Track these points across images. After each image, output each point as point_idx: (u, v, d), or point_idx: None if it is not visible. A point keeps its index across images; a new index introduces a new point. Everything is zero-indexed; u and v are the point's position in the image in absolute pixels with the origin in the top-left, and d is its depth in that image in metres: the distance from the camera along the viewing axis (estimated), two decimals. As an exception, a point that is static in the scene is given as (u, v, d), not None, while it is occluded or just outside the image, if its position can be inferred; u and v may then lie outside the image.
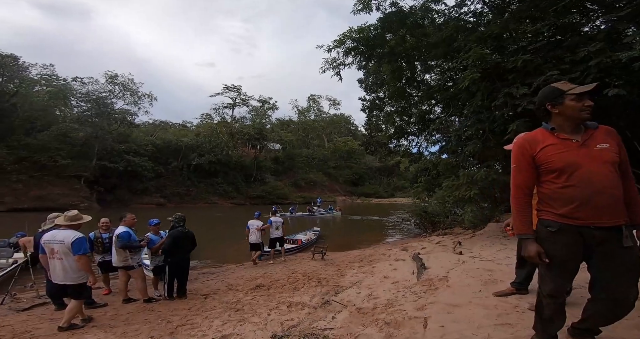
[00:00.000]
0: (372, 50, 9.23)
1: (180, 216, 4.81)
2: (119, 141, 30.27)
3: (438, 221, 13.69)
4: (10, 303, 4.64)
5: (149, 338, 3.07)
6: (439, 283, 4.15)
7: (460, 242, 7.93)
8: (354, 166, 56.42)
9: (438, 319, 2.46)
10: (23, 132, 25.16)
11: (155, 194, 33.19)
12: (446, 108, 7.67)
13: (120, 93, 31.39)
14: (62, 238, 3.56)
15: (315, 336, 3.03)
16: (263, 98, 48.48)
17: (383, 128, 20.02)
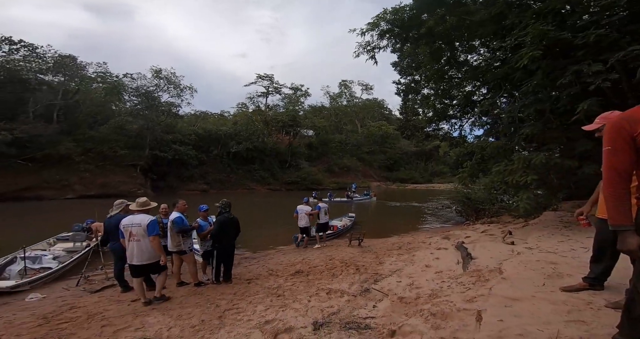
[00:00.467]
0: (407, 32, 8.62)
1: (226, 202, 4.99)
2: (166, 132, 32.53)
3: (483, 209, 12.84)
4: (84, 284, 5.25)
5: (200, 321, 3.27)
6: (489, 274, 3.86)
7: (511, 231, 7.34)
8: (389, 150, 54.80)
9: (495, 313, 2.26)
10: (86, 126, 28.12)
11: (199, 181, 35.45)
12: (495, 89, 6.93)
13: (165, 86, 33.40)
14: (138, 222, 3.99)
15: (356, 324, 2.99)
16: (295, 86, 48.50)
17: (420, 112, 19.13)
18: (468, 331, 2.38)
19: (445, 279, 4.23)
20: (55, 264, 6.06)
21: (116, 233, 4.50)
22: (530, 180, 5.31)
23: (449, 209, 16.21)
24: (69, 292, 4.80)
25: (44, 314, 3.55)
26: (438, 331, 2.49)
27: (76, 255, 6.71)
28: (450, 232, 9.22)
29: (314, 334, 2.83)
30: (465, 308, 2.85)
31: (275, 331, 2.94)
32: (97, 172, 26.91)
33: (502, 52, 6.03)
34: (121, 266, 4.66)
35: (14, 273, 5.47)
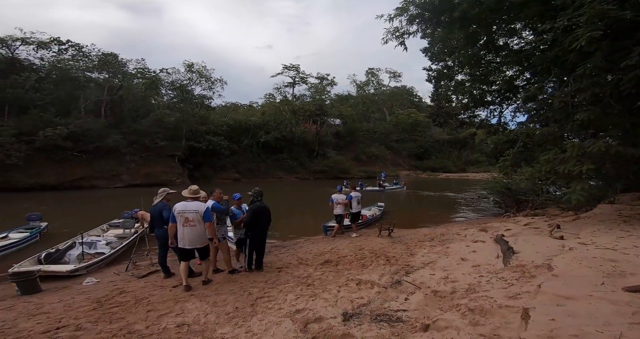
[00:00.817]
0: (439, 16, 7.97)
1: (258, 191, 5.07)
2: (200, 123, 33.97)
3: (525, 200, 11.94)
4: (132, 269, 5.66)
5: (234, 308, 3.40)
6: (536, 270, 3.57)
7: (560, 225, 6.74)
8: (419, 138, 52.72)
9: (545, 311, 2.06)
10: (130, 120, 30.18)
11: (231, 170, 36.87)
12: (542, 73, 6.24)
13: (197, 80, 34.64)
14: (195, 208, 4.25)
15: (387, 316, 2.92)
16: (321, 75, 47.99)
17: (453, 98, 18.15)
18: (511, 329, 2.21)
19: (483, 273, 4.00)
20: (107, 249, 6.62)
21: (159, 220, 4.79)
22: (585, 169, 4.76)
23: (486, 199, 15.30)
24: (119, 277, 5.23)
25: (97, 298, 3.89)
26: (477, 327, 2.34)
27: (125, 241, 7.27)
28: (487, 225, 8.70)
29: (343, 325, 2.81)
30: (508, 305, 2.65)
31: (305, 320, 2.97)
32: (141, 163, 28.96)
33: (552, 34, 5.34)
34: (164, 253, 4.95)
35: (73, 257, 6.04)
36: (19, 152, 20.69)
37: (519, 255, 4.61)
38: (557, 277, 2.71)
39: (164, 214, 4.74)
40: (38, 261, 5.62)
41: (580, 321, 1.86)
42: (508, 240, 5.80)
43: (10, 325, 3.10)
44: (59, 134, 22.43)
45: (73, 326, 2.99)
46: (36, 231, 8.17)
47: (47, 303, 3.85)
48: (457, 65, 15.27)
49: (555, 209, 10.31)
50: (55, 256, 5.90)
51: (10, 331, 2.93)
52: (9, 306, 3.78)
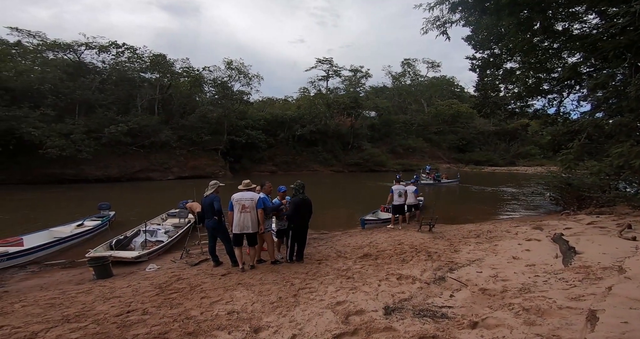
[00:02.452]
0: (484, 3, 7.26)
1: (300, 184, 5.20)
2: (239, 118, 35.52)
3: (589, 197, 10.65)
4: (186, 257, 6.13)
5: (278, 298, 3.50)
6: (603, 272, 3.22)
7: (631, 225, 5.95)
8: (460, 130, 49.57)
9: (616, 314, 1.86)
10: (179, 116, 32.56)
11: (268, 163, 38.20)
12: (614, 59, 5.44)
13: (236, 76, 36.08)
14: (250, 197, 4.86)
15: (431, 312, 2.85)
16: (354, 67, 46.89)
17: (501, 88, 16.73)
18: (573, 330, 2.03)
19: (539, 273, 3.69)
20: (165, 238, 7.26)
21: (210, 211, 5.12)
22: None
23: (540, 196, 13.97)
24: (175, 264, 5.74)
25: (159, 284, 4.32)
26: (532, 327, 2.18)
27: (180, 230, 7.91)
28: (542, 222, 7.97)
29: (385, 319, 2.79)
30: (570, 306, 2.43)
31: (346, 312, 3.00)
32: (189, 156, 31.23)
33: (628, 18, 4.57)
34: (213, 243, 5.32)
35: (137, 244, 6.71)
36: (88, 147, 23.43)
37: (582, 256, 4.17)
38: (630, 279, 2.41)
39: (215, 206, 5.07)
40: (110, 247, 6.33)
41: None
42: (568, 240, 5.27)
43: (89, 308, 3.53)
44: (121, 130, 24.95)
45: (140, 310, 3.33)
46: (106, 220, 9.15)
47: (118, 287, 4.35)
48: (505, 53, 14.04)
49: (625, 207, 9.07)
50: (124, 243, 6.64)
51: (89, 314, 3.33)
52: (88, 290, 4.32)
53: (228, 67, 35.24)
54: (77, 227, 8.24)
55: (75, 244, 7.44)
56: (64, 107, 24.37)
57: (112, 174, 25.77)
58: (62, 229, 7.91)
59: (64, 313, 3.36)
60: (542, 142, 33.30)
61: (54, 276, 5.44)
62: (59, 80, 24.40)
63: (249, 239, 4.99)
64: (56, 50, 27.02)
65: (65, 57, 27.63)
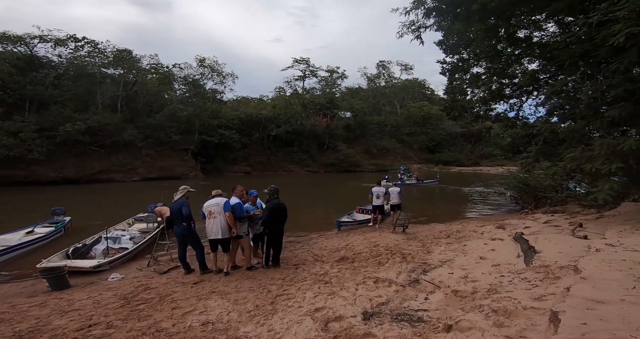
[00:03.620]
0: (456, 9, 7.71)
1: (274, 188, 5.11)
2: (212, 117, 34.47)
3: (544, 196, 11.60)
4: (153, 265, 5.81)
5: (255, 306, 3.40)
6: (560, 271, 3.49)
7: (582, 224, 6.52)
8: (431, 131, 51.95)
9: (576, 315, 2.01)
10: (145, 114, 30.82)
11: (242, 163, 37.40)
12: (570, 68, 5.97)
13: (209, 74, 34.98)
14: (217, 202, 4.85)
15: (408, 316, 2.92)
16: (331, 68, 47.61)
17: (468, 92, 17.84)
18: (538, 331, 2.17)
19: (504, 273, 3.93)
20: (130, 244, 6.80)
21: (179, 217, 4.90)
22: (615, 168, 4.57)
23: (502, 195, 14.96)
24: (142, 273, 5.39)
25: (124, 295, 4.03)
26: (502, 329, 2.31)
27: (148, 236, 7.44)
28: (505, 222, 8.52)
29: (364, 324, 2.82)
30: (533, 307, 2.61)
31: (325, 319, 3.00)
32: (156, 157, 29.67)
33: (586, 28, 5.02)
34: (183, 250, 5.09)
35: (99, 252, 6.21)
36: (40, 147, 21.45)
37: (541, 255, 4.50)
38: (586, 280, 2.63)
39: (184, 211, 4.86)
40: (66, 256, 5.82)
41: (612, 325, 1.80)
42: (528, 239, 5.66)
43: (44, 322, 3.22)
44: (78, 129, 23.14)
45: (104, 324, 3.10)
46: (61, 226, 8.45)
47: (77, 299, 4.01)
48: (472, 58, 14.96)
49: (576, 207, 9.98)
50: (82, 251, 6.12)
51: (45, 329, 3.04)
52: (42, 303, 3.94)
53: (200, 64, 34.06)
54: (26, 234, 7.54)
55: (25, 254, 6.79)
56: (13, 104, 22.18)
57: (69, 176, 23.82)
58: (8, 237, 7.19)
59: (15, 329, 3.05)
60: (503, 144, 35.52)
61: (1, 289, 4.91)
62: (7, 75, 22.11)
63: (221, 245, 4.88)
64: (5, 43, 24.52)
65: (16, 50, 25.11)
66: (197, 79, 34.45)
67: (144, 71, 32.07)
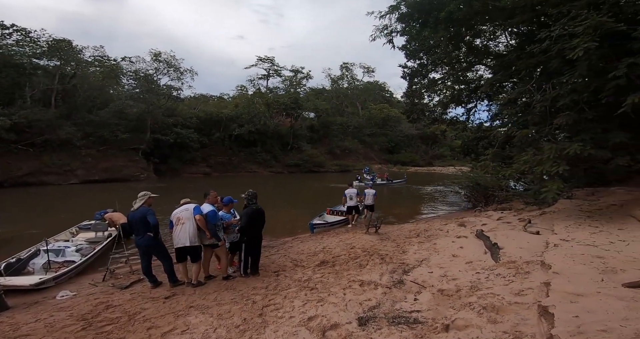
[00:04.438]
0: (426, 16, 8.26)
1: (252, 193, 4.87)
2: (167, 115, 32.00)
3: (493, 195, 12.83)
4: (110, 279, 5.17)
5: (242, 320, 3.20)
6: (528, 266, 3.85)
7: (530, 220, 7.31)
8: (390, 133, 54.56)
9: (565, 309, 2.21)
10: (86, 110, 27.51)
11: (201, 164, 35.40)
12: (525, 77, 6.69)
13: (165, 70, 32.46)
14: (185, 207, 4.59)
15: (404, 318, 2.97)
16: (295, 68, 47.38)
17: (425, 96, 19.15)
18: (530, 325, 2.34)
19: (479, 270, 4.21)
20: (78, 257, 5.94)
21: (142, 227, 4.42)
22: (562, 170, 5.20)
23: (456, 194, 16.20)
24: (97, 288, 4.75)
25: (82, 315, 3.49)
26: (496, 325, 2.45)
27: (99, 246, 6.60)
28: (464, 219, 9.20)
29: (362, 330, 2.81)
30: (517, 302, 2.82)
31: (322, 328, 2.92)
32: (99, 157, 26.67)
33: (548, 41, 5.58)
34: (147, 262, 4.62)
35: (37, 266, 5.32)
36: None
37: (504, 251, 4.93)
38: (559, 274, 2.93)
39: (150, 220, 4.40)
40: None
41: (600, 317, 2.02)
42: (489, 235, 6.18)
43: None
44: (2, 125, 19.85)
45: None
46: None
47: (22, 322, 3.39)
48: (430, 64, 16.10)
49: (519, 204, 11.19)
50: (17, 267, 5.21)
51: None
52: None
53: (155, 59, 31.48)
54: None
55: None
56: None
57: (-10, 179, 20.31)
58: None
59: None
60: (453, 146, 38.55)
61: None
62: None
63: (190, 254, 4.51)
64: None
65: None
66: (150, 74, 31.81)
67: (86, 64, 28.69)
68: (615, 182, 9.51)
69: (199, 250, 4.58)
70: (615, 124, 5.34)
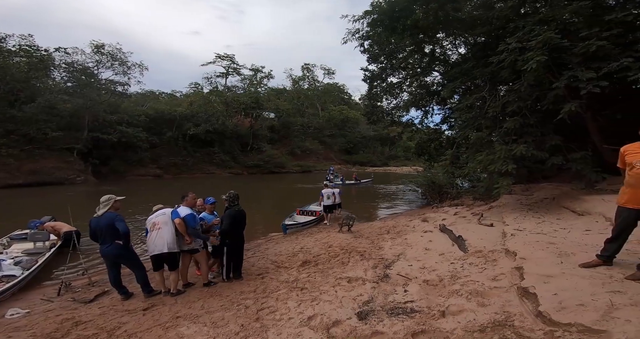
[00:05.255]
0: (396, 23, 8.86)
1: (234, 194, 4.68)
2: (109, 112, 28.83)
3: (446, 192, 14.10)
4: (66, 293, 4.58)
5: (240, 326, 3.09)
6: (494, 255, 4.33)
7: (482, 214, 8.21)
8: (349, 134, 56.45)
9: (544, 289, 2.57)
10: (7, 105, 23.51)
11: (151, 165, 32.67)
12: (481, 85, 7.54)
13: (109, 63, 29.19)
14: (163, 212, 4.34)
15: (400, 309, 3.16)
16: (256, 67, 46.25)
17: (383, 99, 20.28)
18: (515, 305, 2.68)
19: (452, 260, 4.63)
20: (18, 270, 5.11)
21: (109, 235, 4.01)
22: (510, 168, 5.97)
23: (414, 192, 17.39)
24: (54, 304, 4.16)
25: (48, 334, 3.03)
26: (486, 308, 2.76)
27: (42, 259, 5.75)
28: (425, 215, 9.96)
29: (365, 324, 2.93)
30: (496, 286, 3.19)
31: (324, 326, 2.97)
32: (23, 158, 23.07)
33: (506, 53, 6.26)
34: (115, 273, 4.20)
35: None
36: None
37: (469, 242, 5.49)
38: (526, 260, 3.40)
39: (120, 227, 4.00)
40: None
41: (574, 294, 2.41)
42: (452, 229, 6.81)
43: None
44: None
45: None
46: None
47: None
48: (389, 68, 17.14)
49: (469, 199, 12.50)
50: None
51: None
52: None
53: (97, 51, 28.19)
54: None
55: None
56: None
57: None
58: None
59: None
60: (410, 146, 41.46)
61: None
62: None
63: (167, 261, 4.24)
64: None
65: None
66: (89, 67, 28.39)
67: (8, 53, 24.60)
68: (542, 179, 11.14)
69: (177, 257, 4.30)
70: (550, 128, 6.32)
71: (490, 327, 2.33)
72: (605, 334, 1.81)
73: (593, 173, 5.87)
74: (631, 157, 2.62)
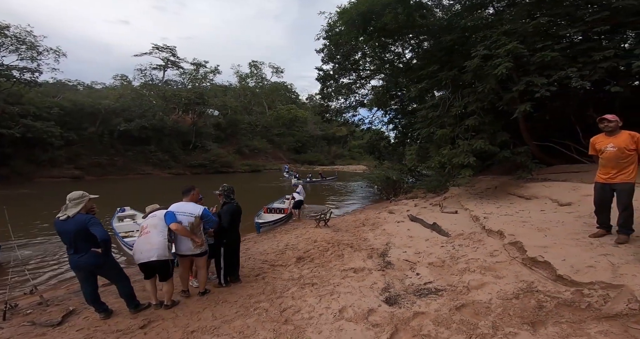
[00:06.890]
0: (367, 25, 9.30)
1: (230, 188, 4.27)
2: (10, 103, 23.42)
3: (399, 187, 15.31)
4: (12, 316, 3.60)
5: (272, 331, 2.91)
6: (477, 236, 4.89)
7: (441, 204, 9.13)
8: (297, 133, 56.61)
9: (549, 257, 3.00)
10: None
11: (67, 166, 27.71)
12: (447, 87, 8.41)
13: (14, 46, 23.64)
14: (154, 214, 3.80)
15: (426, 290, 3.36)
16: (197, 61, 42.90)
17: (333, 98, 21.13)
18: (527, 274, 3.08)
19: (441, 244, 5.07)
20: None
21: (82, 242, 3.31)
22: (472, 161, 6.81)
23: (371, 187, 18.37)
24: (7, 330, 3.25)
25: None
26: (503, 279, 3.12)
27: None
28: (389, 208, 10.62)
29: (399, 308, 3.04)
30: (498, 261, 3.63)
31: (361, 316, 2.99)
32: None
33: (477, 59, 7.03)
34: (91, 287, 3.47)
35: None
36: None
37: (445, 228, 6.08)
38: (516, 236, 3.93)
39: (98, 233, 3.32)
40: None
41: (576, 259, 2.88)
42: (421, 218, 7.43)
43: None
44: None
45: None
46: None
47: None
48: (342, 69, 17.93)
49: (420, 192, 13.79)
50: None
51: None
52: None
53: (0, 32, 22.72)
54: None
55: None
56: None
57: None
58: None
59: None
60: (362, 144, 43.42)
61: None
62: None
63: (157, 270, 3.69)
64: None
65: None
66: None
67: None
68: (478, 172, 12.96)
69: (169, 265, 3.77)
70: (499, 126, 7.41)
71: (523, 293, 2.65)
72: (625, 287, 2.24)
73: (533, 164, 7.07)
74: (600, 145, 3.29)
